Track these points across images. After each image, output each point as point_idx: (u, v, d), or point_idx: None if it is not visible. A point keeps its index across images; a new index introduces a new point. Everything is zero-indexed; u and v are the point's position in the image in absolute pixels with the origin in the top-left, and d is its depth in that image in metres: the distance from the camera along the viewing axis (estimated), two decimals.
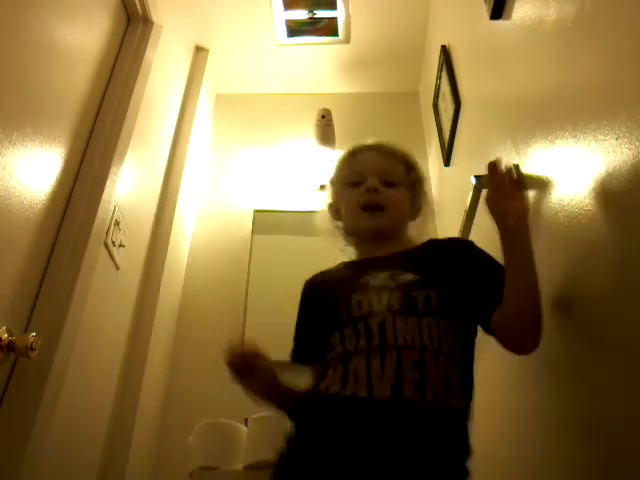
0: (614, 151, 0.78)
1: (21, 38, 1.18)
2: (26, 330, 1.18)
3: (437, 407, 0.83)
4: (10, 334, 1.09)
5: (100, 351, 1.51)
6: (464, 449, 0.88)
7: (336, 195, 1.13)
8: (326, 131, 2.35)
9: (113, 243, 1.55)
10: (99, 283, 1.45)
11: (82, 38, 1.49)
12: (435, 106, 2.28)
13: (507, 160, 1.27)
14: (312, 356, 0.98)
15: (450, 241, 1.11)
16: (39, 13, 1.25)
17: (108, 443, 1.53)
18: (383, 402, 0.81)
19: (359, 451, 0.79)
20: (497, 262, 0.99)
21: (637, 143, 0.72)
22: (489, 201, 0.96)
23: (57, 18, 1.34)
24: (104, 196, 1.45)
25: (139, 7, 1.79)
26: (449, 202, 2.13)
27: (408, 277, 0.94)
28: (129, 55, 1.74)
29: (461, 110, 1.87)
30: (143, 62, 1.75)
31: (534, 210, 1.12)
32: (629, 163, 0.74)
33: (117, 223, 1.57)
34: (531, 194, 1.15)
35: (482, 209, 1.34)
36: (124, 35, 1.78)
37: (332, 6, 2.47)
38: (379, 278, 0.95)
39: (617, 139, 0.77)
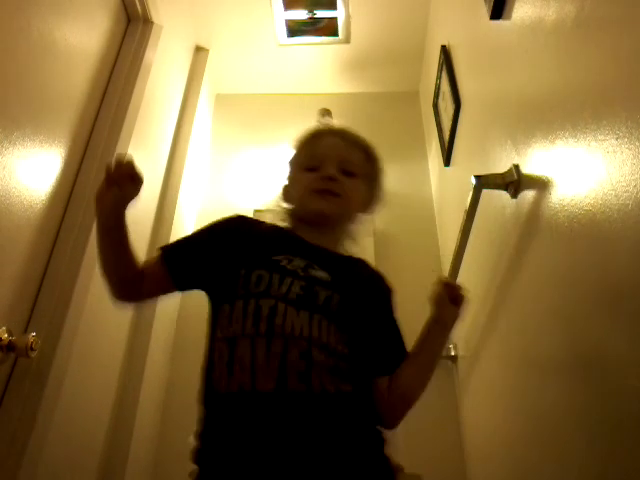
0: (614, 151, 0.78)
1: (21, 38, 1.18)
2: (26, 330, 1.18)
3: (324, 394, 0.81)
4: (10, 334, 1.09)
5: (100, 351, 1.51)
6: (365, 433, 0.85)
7: (291, 178, 1.09)
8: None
9: None
10: (99, 283, 1.44)
11: (82, 38, 1.49)
12: (435, 106, 2.28)
13: (507, 160, 1.27)
14: (178, 266, 0.96)
15: (378, 273, 1.06)
16: (39, 13, 1.25)
17: (108, 443, 1.53)
18: (267, 395, 0.79)
19: (251, 446, 0.78)
20: (398, 325, 1.01)
21: (637, 143, 0.72)
22: (435, 291, 0.96)
23: (57, 18, 1.34)
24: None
25: (139, 7, 1.79)
26: (449, 202, 2.13)
27: (320, 274, 0.92)
28: (129, 55, 1.73)
29: (461, 110, 1.87)
30: (143, 62, 1.75)
31: (534, 210, 1.12)
32: (629, 163, 0.74)
33: None
34: (531, 194, 1.15)
35: (482, 209, 1.34)
36: (124, 35, 1.78)
37: (332, 6, 2.47)
38: (293, 263, 0.92)
39: (617, 139, 0.77)
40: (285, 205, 1.08)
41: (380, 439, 0.87)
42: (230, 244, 0.97)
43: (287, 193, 1.09)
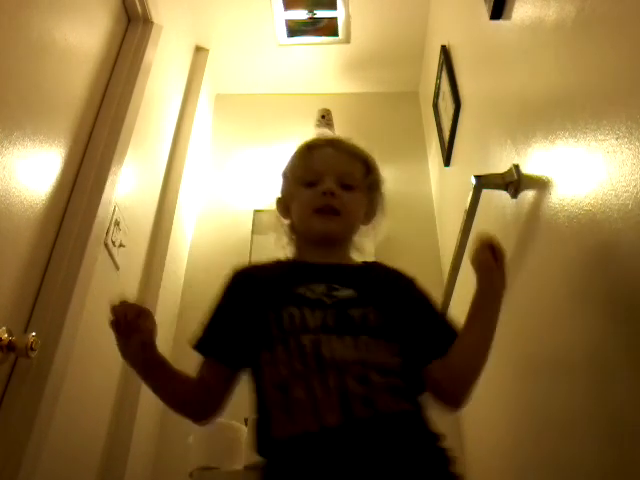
0: (614, 151, 0.78)
1: (21, 38, 1.18)
2: (26, 330, 1.18)
3: (391, 415, 0.78)
4: (10, 334, 1.09)
5: (100, 351, 1.51)
6: (432, 440, 0.83)
7: (288, 192, 1.05)
8: (327, 130, 2.35)
9: (113, 243, 1.55)
10: (99, 283, 1.45)
11: (82, 38, 1.49)
12: (435, 106, 2.28)
13: (507, 160, 1.27)
14: (221, 350, 0.92)
15: (394, 270, 1.02)
16: (39, 13, 1.25)
17: (108, 443, 1.53)
18: (335, 429, 0.75)
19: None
20: (436, 307, 0.98)
21: (637, 143, 0.72)
22: (481, 256, 0.90)
23: (57, 18, 1.34)
24: (104, 196, 1.45)
25: (139, 7, 1.79)
26: (449, 202, 2.13)
27: (345, 293, 0.89)
28: (129, 55, 1.73)
29: (461, 110, 1.87)
30: (143, 62, 1.75)
31: (534, 210, 1.12)
32: (629, 163, 0.74)
33: (117, 223, 1.57)
34: (531, 194, 1.15)
35: (482, 209, 1.34)
36: (124, 35, 1.78)
37: (332, 6, 2.47)
38: (315, 291, 0.88)
39: (617, 139, 0.77)
40: (286, 221, 1.05)
41: (445, 457, 0.83)
42: (249, 295, 0.94)
43: (284, 207, 1.06)
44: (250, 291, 0.94)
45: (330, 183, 0.97)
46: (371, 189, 1.05)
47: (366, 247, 1.09)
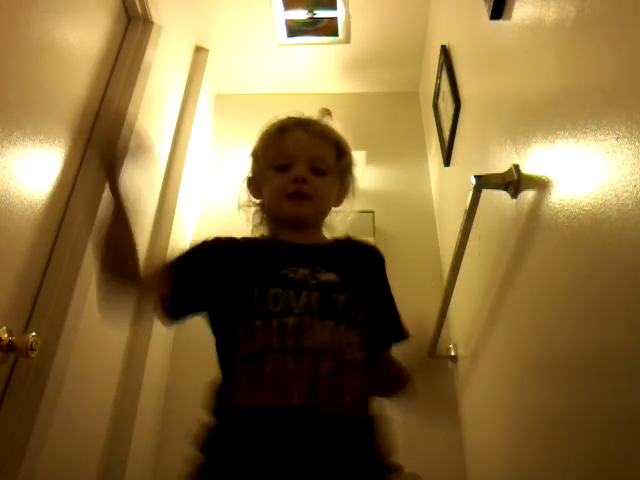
0: (614, 151, 0.78)
1: (21, 38, 1.18)
2: (26, 330, 1.18)
3: (349, 417, 0.81)
4: (10, 334, 1.09)
5: (100, 351, 1.51)
6: (377, 456, 0.84)
7: (260, 174, 1.05)
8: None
9: None
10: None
11: (82, 38, 1.49)
12: (435, 106, 2.28)
13: (507, 160, 1.27)
14: (178, 266, 0.94)
15: (367, 247, 1.05)
16: (39, 13, 1.25)
17: (108, 443, 1.53)
18: (298, 410, 0.78)
19: (276, 460, 0.76)
20: (392, 296, 1.02)
21: (637, 143, 0.72)
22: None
23: (57, 18, 1.34)
24: (104, 196, 1.44)
25: (139, 7, 1.79)
26: (449, 202, 2.13)
27: (329, 277, 0.91)
28: (129, 55, 1.73)
29: (461, 110, 1.87)
30: (143, 62, 1.75)
31: (534, 210, 1.12)
32: (629, 163, 0.74)
33: None
34: (531, 194, 1.15)
35: (482, 209, 1.34)
36: (124, 35, 1.78)
37: (332, 6, 2.47)
38: (299, 273, 0.90)
39: (617, 139, 0.77)
40: (256, 201, 1.07)
41: (383, 467, 0.85)
42: (225, 263, 0.95)
43: (254, 188, 1.07)
44: (230, 262, 0.95)
45: (301, 168, 0.98)
46: (343, 172, 1.06)
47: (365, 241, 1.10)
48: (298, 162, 0.98)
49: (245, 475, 0.77)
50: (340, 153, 1.05)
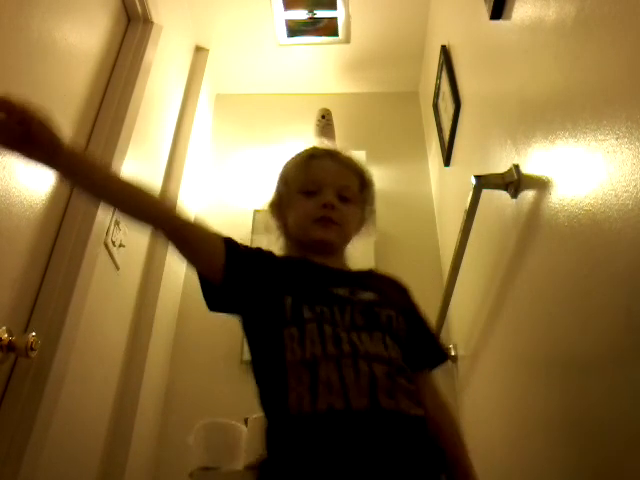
0: (614, 151, 0.78)
1: (21, 38, 1.18)
2: (26, 330, 1.18)
3: (408, 414, 0.82)
4: (10, 334, 1.09)
5: (100, 351, 1.51)
6: (437, 452, 0.86)
7: (286, 197, 1.07)
8: (326, 131, 2.35)
9: (113, 243, 1.55)
10: (99, 283, 1.45)
11: (82, 38, 1.49)
12: (435, 106, 2.28)
13: (507, 160, 1.27)
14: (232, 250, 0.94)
15: (392, 277, 1.08)
16: (39, 13, 1.25)
17: (108, 443, 1.53)
18: (362, 413, 0.78)
19: (345, 466, 0.75)
20: (426, 319, 1.03)
21: (637, 143, 0.72)
22: None
23: (57, 18, 1.34)
24: None
25: (139, 7, 1.79)
26: (449, 202, 2.13)
27: (368, 295, 0.93)
28: (129, 55, 1.74)
29: (461, 110, 1.87)
30: (143, 62, 1.75)
31: (534, 210, 1.12)
32: (629, 163, 0.74)
33: (117, 223, 1.57)
34: (531, 194, 1.15)
35: (482, 209, 1.34)
36: (124, 35, 1.78)
37: (332, 6, 2.47)
38: (340, 291, 0.92)
39: (617, 139, 0.77)
40: (281, 224, 1.08)
41: (444, 464, 0.88)
42: (273, 271, 0.96)
43: (279, 211, 1.09)
44: (277, 271, 0.96)
45: (330, 195, 1.01)
46: (365, 203, 1.10)
47: (365, 243, 1.13)
48: (326, 189, 1.02)
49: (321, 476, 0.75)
50: (363, 184, 1.10)
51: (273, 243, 1.09)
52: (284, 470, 0.78)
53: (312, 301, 0.89)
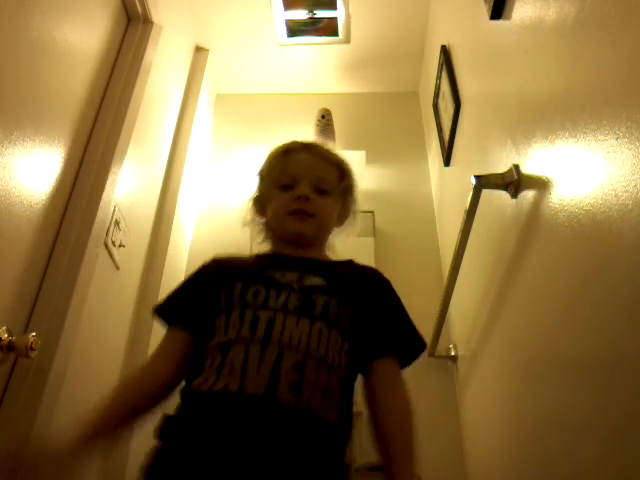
0: (614, 151, 0.78)
1: (21, 38, 1.18)
2: (26, 330, 1.18)
3: (309, 416, 0.80)
4: (10, 334, 1.09)
5: (100, 351, 1.51)
6: (335, 465, 0.83)
7: (265, 192, 1.10)
8: (326, 131, 2.35)
9: (113, 243, 1.55)
10: (99, 283, 1.45)
11: (82, 38, 1.49)
12: (435, 106, 2.28)
13: (507, 160, 1.27)
14: (186, 317, 0.95)
15: (368, 269, 1.06)
16: (39, 13, 1.25)
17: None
18: (254, 398, 0.79)
19: (225, 448, 0.76)
20: (403, 311, 1.00)
21: (637, 143, 0.72)
22: None
23: (57, 18, 1.34)
24: (104, 196, 1.45)
25: (139, 7, 1.79)
26: (449, 202, 2.13)
27: (315, 281, 0.93)
28: (129, 55, 1.73)
29: (461, 110, 1.87)
30: (143, 62, 1.75)
31: (534, 210, 1.12)
32: (629, 163, 0.74)
33: (117, 223, 1.57)
34: (531, 194, 1.15)
35: (482, 209, 1.34)
36: (124, 35, 1.78)
37: (332, 6, 2.47)
38: (286, 276, 0.93)
39: (617, 139, 0.77)
40: (261, 219, 1.10)
41: (339, 468, 0.84)
42: (220, 275, 0.97)
43: (260, 206, 1.11)
44: (223, 273, 0.98)
45: (305, 188, 1.02)
46: (344, 193, 1.10)
47: (365, 243, 1.13)
48: (302, 181, 1.03)
49: (192, 459, 0.77)
50: (342, 174, 1.09)
51: (252, 239, 1.11)
52: (175, 436, 0.81)
53: (247, 283, 0.91)
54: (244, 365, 0.81)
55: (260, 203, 1.11)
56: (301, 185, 1.02)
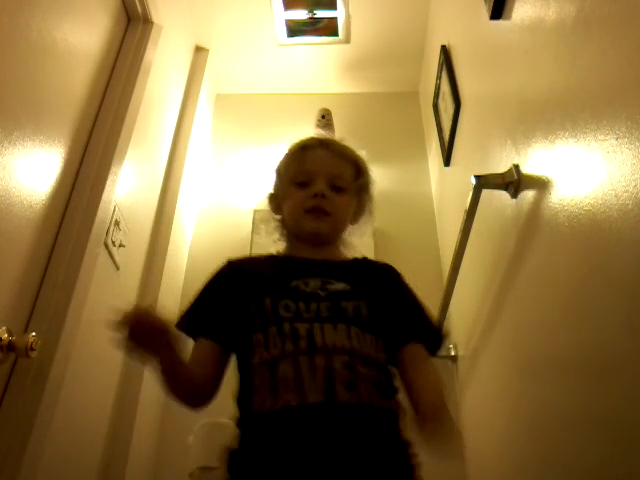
0: (614, 151, 0.78)
1: (21, 38, 1.18)
2: (26, 330, 1.18)
3: (372, 406, 0.82)
4: (10, 334, 1.09)
5: (100, 351, 1.51)
6: (403, 445, 0.85)
7: (281, 190, 1.08)
8: (326, 131, 2.35)
9: (113, 243, 1.55)
10: (99, 283, 1.45)
11: (82, 38, 1.49)
12: (435, 106, 2.28)
13: (507, 160, 1.27)
14: (213, 329, 0.94)
15: (383, 265, 1.07)
16: (39, 13, 1.25)
17: (108, 443, 1.53)
18: (317, 407, 0.79)
19: (299, 460, 0.77)
20: (421, 303, 1.01)
21: (637, 143, 0.72)
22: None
23: (57, 18, 1.34)
24: (104, 196, 1.45)
25: (139, 7, 1.79)
26: (449, 202, 2.13)
27: (339, 286, 0.93)
28: (129, 55, 1.73)
29: (461, 110, 1.87)
30: (143, 62, 1.75)
31: (534, 210, 1.12)
32: (629, 163, 0.74)
33: (117, 223, 1.57)
34: (531, 194, 1.15)
35: (482, 209, 1.34)
36: (124, 35, 1.78)
37: (332, 6, 2.47)
38: (310, 285, 0.93)
39: (617, 139, 0.77)
40: (277, 216, 1.09)
41: (411, 463, 0.85)
42: (241, 284, 0.97)
43: (276, 204, 1.10)
44: (245, 281, 0.97)
45: (321, 185, 1.01)
46: (360, 191, 1.09)
47: (365, 243, 1.12)
48: (318, 179, 1.02)
49: (279, 472, 0.77)
50: (358, 172, 1.08)
51: (269, 237, 1.10)
52: (246, 464, 0.81)
53: (275, 298, 0.90)
54: (298, 378, 0.81)
55: (276, 201, 1.10)
56: (317, 182, 1.01)
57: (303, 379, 0.81)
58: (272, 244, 1.09)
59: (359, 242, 1.10)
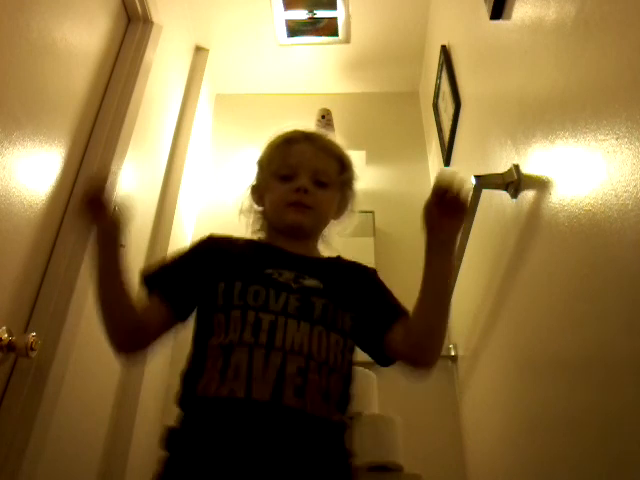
0: (614, 151, 0.78)
1: (21, 38, 1.18)
2: (26, 330, 1.18)
3: (315, 417, 0.82)
4: (10, 334, 1.09)
5: (100, 350, 1.51)
6: (342, 461, 0.85)
7: (264, 182, 1.07)
8: (326, 131, 2.35)
9: None
10: None
11: (82, 38, 1.48)
12: (435, 106, 2.28)
13: (507, 160, 1.27)
14: (171, 290, 0.93)
15: (357, 264, 1.07)
16: (39, 13, 1.25)
17: (108, 443, 1.53)
18: (261, 404, 0.79)
19: (235, 455, 0.77)
20: (393, 296, 1.01)
21: (637, 143, 0.72)
22: (426, 211, 0.83)
23: (57, 18, 1.34)
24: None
25: (139, 7, 1.79)
26: None
27: (312, 282, 0.93)
28: (129, 55, 1.73)
29: (461, 110, 1.88)
30: (143, 62, 1.75)
31: (534, 210, 1.12)
32: (629, 163, 0.74)
33: None
34: (531, 194, 1.15)
35: (482, 209, 1.34)
36: (124, 35, 1.78)
37: (332, 6, 2.47)
38: (283, 275, 0.92)
39: (617, 139, 0.77)
40: (258, 208, 1.09)
41: (346, 463, 0.86)
42: (215, 260, 0.97)
43: (258, 195, 1.09)
44: (219, 258, 0.97)
45: (304, 180, 1.00)
46: (344, 186, 1.08)
47: (365, 243, 1.11)
48: (301, 173, 1.01)
49: (204, 467, 0.78)
50: (342, 167, 1.07)
51: (248, 227, 1.10)
52: (185, 447, 0.82)
53: (246, 282, 0.90)
54: (249, 370, 0.82)
55: (258, 192, 1.10)
56: (301, 177, 1.01)
57: (254, 372, 0.81)
58: (246, 229, 1.10)
59: (359, 242, 1.10)
